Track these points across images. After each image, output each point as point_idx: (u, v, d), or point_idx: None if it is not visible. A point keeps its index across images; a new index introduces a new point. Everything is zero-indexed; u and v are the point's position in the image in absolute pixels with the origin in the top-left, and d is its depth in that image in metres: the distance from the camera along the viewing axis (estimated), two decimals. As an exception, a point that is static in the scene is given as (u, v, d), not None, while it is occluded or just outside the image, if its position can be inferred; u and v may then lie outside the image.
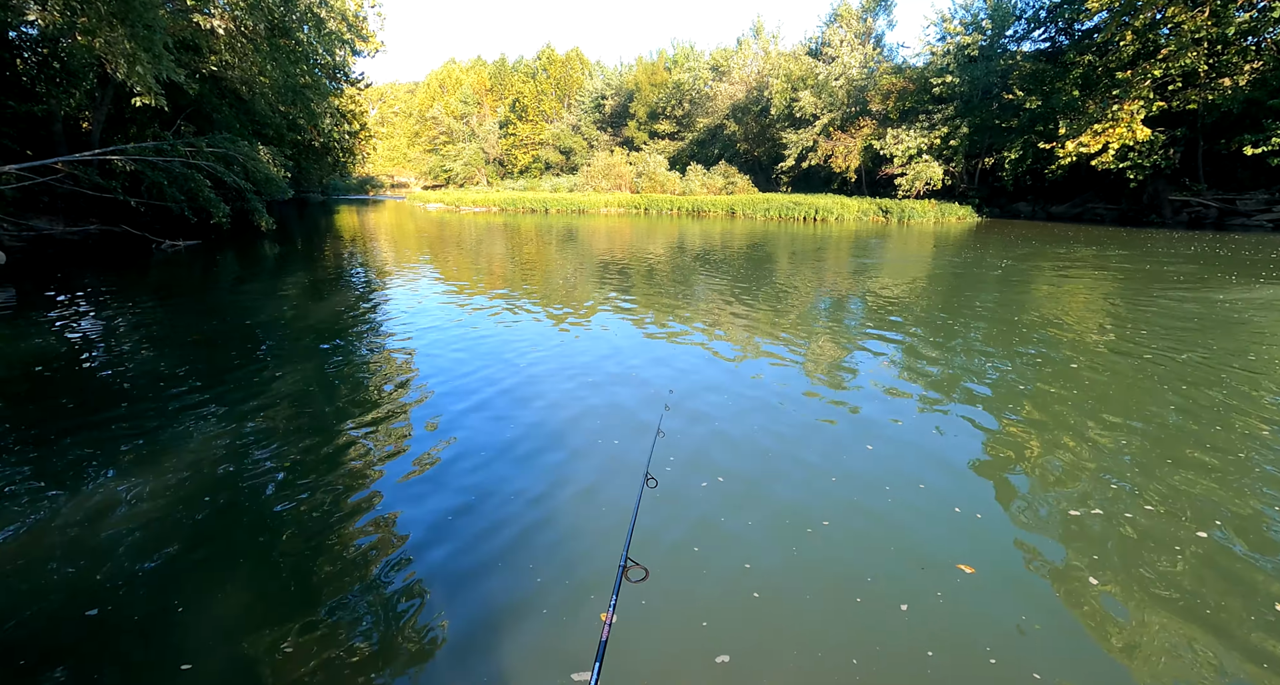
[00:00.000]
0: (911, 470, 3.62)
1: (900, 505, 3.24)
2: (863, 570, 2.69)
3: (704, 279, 10.81)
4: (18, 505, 3.13)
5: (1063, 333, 6.92)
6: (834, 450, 3.89)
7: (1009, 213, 30.33)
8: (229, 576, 2.62)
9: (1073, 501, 3.29)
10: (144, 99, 10.71)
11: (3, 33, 12.24)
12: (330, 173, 36.92)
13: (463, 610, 2.44)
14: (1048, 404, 4.70)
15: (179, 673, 2.11)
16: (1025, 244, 16.91)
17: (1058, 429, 4.23)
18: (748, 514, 3.14)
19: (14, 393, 4.78)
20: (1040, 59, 28.35)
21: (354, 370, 5.57)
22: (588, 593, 2.53)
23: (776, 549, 2.85)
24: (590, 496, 3.33)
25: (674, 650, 2.24)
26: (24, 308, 7.76)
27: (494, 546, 2.86)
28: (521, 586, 2.58)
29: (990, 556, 2.81)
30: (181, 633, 2.29)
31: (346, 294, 9.51)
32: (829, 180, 37.68)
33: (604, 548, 2.86)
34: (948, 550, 2.85)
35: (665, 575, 2.65)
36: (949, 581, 2.62)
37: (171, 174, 13.71)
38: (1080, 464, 3.72)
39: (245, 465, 3.59)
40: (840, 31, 37.11)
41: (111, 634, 2.28)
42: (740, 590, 2.56)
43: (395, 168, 77.64)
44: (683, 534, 2.97)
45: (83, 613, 2.37)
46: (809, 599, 2.52)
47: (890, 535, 2.96)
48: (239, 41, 14.97)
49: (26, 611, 2.39)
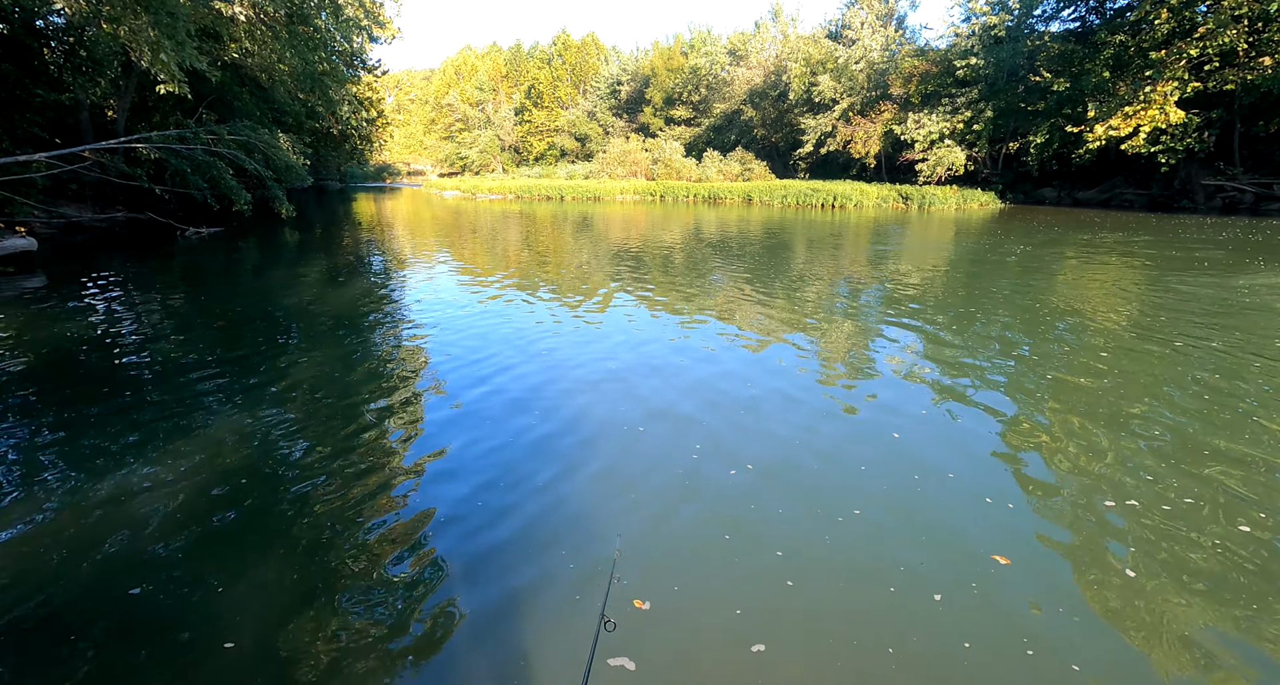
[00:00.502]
0: (939, 459, 3.58)
1: (930, 494, 3.20)
2: (895, 560, 2.67)
3: (721, 267, 10.72)
4: (55, 484, 3.21)
5: (1088, 320, 6.77)
6: (859, 439, 3.86)
7: (1033, 199, 29.62)
8: (259, 556, 2.67)
9: (1106, 492, 3.22)
10: (168, 86, 10.81)
11: (31, 21, 12.39)
12: (348, 160, 37.15)
13: (483, 589, 2.47)
14: (1074, 393, 4.61)
15: (222, 651, 2.15)
16: (1050, 230, 16.53)
17: (1086, 419, 4.14)
18: (777, 502, 3.13)
19: (47, 376, 4.89)
20: (1069, 39, 27.47)
21: (373, 355, 5.62)
22: (620, 579, 2.53)
23: (808, 537, 2.83)
24: (604, 479, 3.34)
25: (708, 638, 2.24)
26: (55, 293, 7.93)
27: (512, 527, 2.89)
28: (540, 567, 2.59)
29: (1025, 547, 2.77)
30: (220, 612, 2.33)
31: (365, 280, 9.59)
32: (848, 166, 37.08)
33: (619, 527, 2.86)
34: (981, 541, 2.81)
35: (696, 562, 2.65)
36: (983, 572, 2.59)
37: (194, 162, 13.87)
38: (1111, 454, 3.64)
39: (270, 446, 3.65)
40: (861, 13, 36.27)
41: (155, 612, 2.33)
42: (773, 578, 2.56)
43: (411, 155, 77.82)
44: (713, 521, 2.96)
45: (126, 591, 2.43)
46: (842, 588, 2.50)
47: (921, 525, 2.93)
48: (259, 28, 15.01)
49: (73, 588, 2.46)
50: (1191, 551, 2.73)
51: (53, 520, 2.90)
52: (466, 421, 4.09)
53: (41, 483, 3.23)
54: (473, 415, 4.20)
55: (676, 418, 4.16)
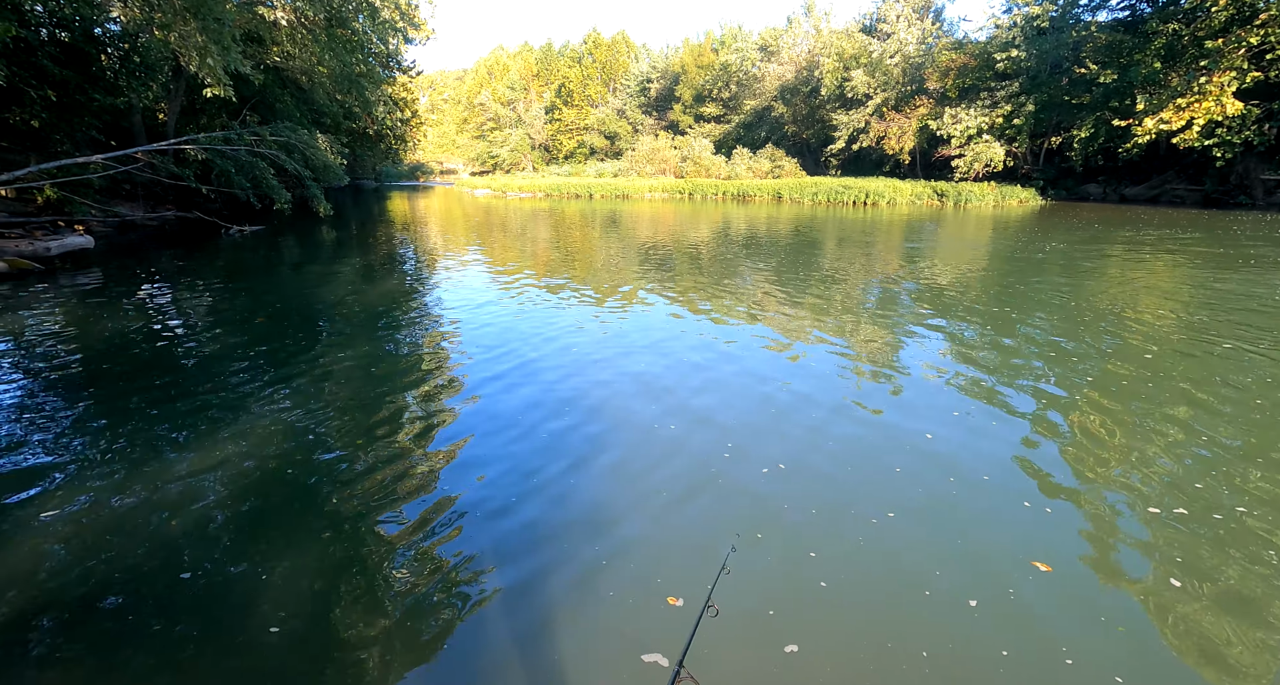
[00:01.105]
0: (973, 462, 3.50)
1: (966, 497, 3.13)
2: (930, 563, 2.63)
3: (749, 265, 10.63)
4: (108, 468, 3.37)
5: (1131, 321, 6.51)
6: (892, 439, 3.79)
7: (1077, 195, 28.60)
8: (298, 542, 2.76)
9: (1151, 499, 3.11)
10: (214, 90, 11.22)
11: (90, 29, 13.00)
12: (383, 159, 37.97)
13: (528, 588, 2.49)
14: (1114, 396, 4.44)
15: (268, 635, 2.23)
16: (1093, 227, 15.94)
17: (1128, 423, 3.99)
18: (810, 502, 3.10)
19: (99, 366, 5.14)
20: (1118, 29, 26.41)
21: (404, 349, 5.75)
22: (653, 576, 2.55)
23: (842, 539, 2.81)
24: (636, 477, 3.34)
25: (742, 638, 2.24)
26: (109, 288, 8.32)
27: (555, 527, 2.91)
28: (586, 568, 2.61)
29: (1066, 554, 2.69)
30: (265, 598, 2.41)
31: (397, 276, 9.80)
32: (881, 163, 36.36)
33: (666, 531, 2.87)
34: (1019, 546, 2.74)
35: (730, 561, 2.63)
36: (1021, 578, 2.53)
37: (238, 162, 14.37)
38: (1156, 460, 3.51)
39: (305, 435, 3.77)
40: (897, 6, 35.50)
41: (204, 597, 2.43)
42: (807, 579, 2.54)
43: (444, 154, 79.14)
44: (747, 520, 2.95)
45: (177, 575, 2.54)
46: (876, 590, 2.47)
47: (957, 528, 2.88)
48: (300, 32, 15.45)
49: (127, 569, 2.58)
50: (1242, 563, 2.61)
51: (107, 502, 3.05)
52: (493, 415, 4.15)
53: (95, 466, 3.40)
54: (499, 409, 4.26)
55: (707, 417, 4.15)
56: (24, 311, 6.93)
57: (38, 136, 12.62)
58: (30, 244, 9.80)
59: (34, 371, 5.01)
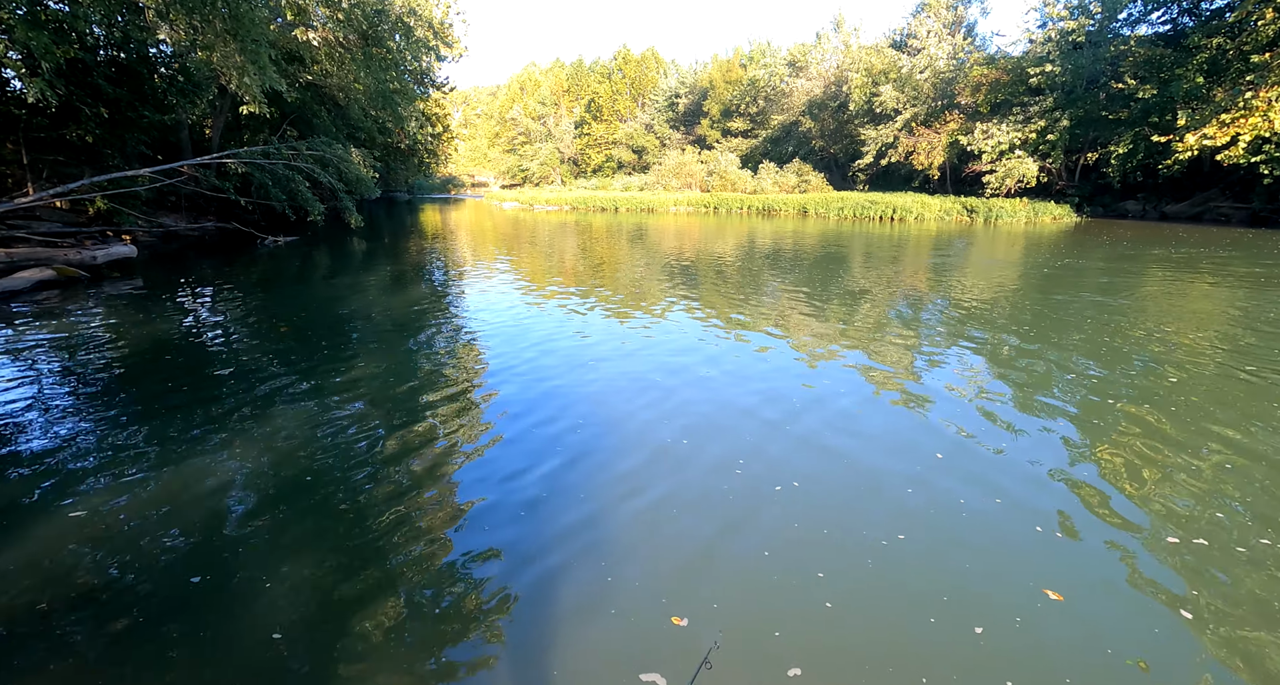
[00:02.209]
0: (987, 485, 3.42)
1: (977, 522, 3.06)
2: (938, 588, 2.57)
3: (773, 279, 10.58)
4: (136, 470, 3.50)
5: (1161, 343, 6.27)
6: (905, 459, 3.72)
7: (1114, 212, 27.78)
8: (314, 551, 2.81)
9: (1171, 528, 2.99)
10: (250, 107, 11.73)
11: (144, 50, 13.75)
12: (415, 173, 38.96)
13: (531, 602, 2.50)
14: (1138, 421, 4.28)
15: (270, 641, 2.27)
16: (1129, 245, 15.45)
17: (1149, 449, 3.84)
18: (821, 522, 3.07)
19: (139, 368, 5.36)
20: (1158, 43, 25.75)
21: (429, 360, 5.86)
22: (658, 595, 2.53)
23: (850, 559, 2.77)
24: (646, 492, 3.34)
25: (745, 659, 2.21)
26: (151, 295, 8.69)
27: (562, 541, 2.92)
28: (591, 584, 2.61)
29: (1077, 582, 2.60)
30: (271, 603, 2.47)
31: (425, 287, 10.02)
32: (909, 178, 35.94)
33: (673, 549, 2.86)
34: (1030, 572, 2.67)
35: (736, 580, 2.63)
36: (1029, 606, 2.45)
37: (275, 175, 14.93)
38: (1178, 488, 3.37)
39: (327, 444, 3.86)
40: (928, 22, 35.28)
41: (212, 600, 2.49)
42: (813, 599, 2.51)
43: (476, 167, 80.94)
44: (755, 538, 2.93)
45: (194, 577, 2.61)
46: (881, 613, 2.43)
47: (967, 553, 2.81)
48: (336, 51, 16.07)
49: (141, 569, 2.66)
50: (1264, 599, 2.48)
51: (132, 501, 3.16)
52: (510, 426, 4.20)
53: (124, 466, 3.54)
54: (515, 420, 4.30)
55: (721, 432, 4.14)
56: (69, 317, 7.29)
57: (91, 151, 13.33)
58: (79, 253, 10.32)
59: (75, 374, 5.26)
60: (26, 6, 9.89)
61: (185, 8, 9.64)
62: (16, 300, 8.13)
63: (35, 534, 2.91)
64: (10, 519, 3.03)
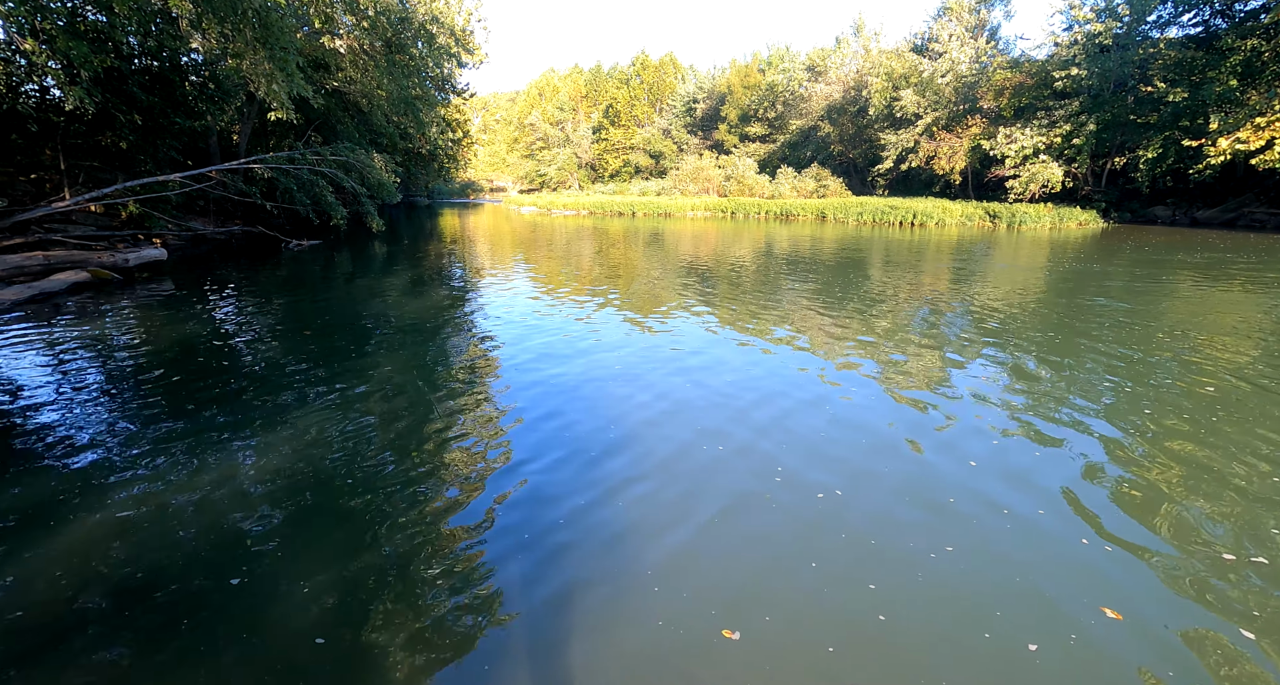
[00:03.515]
0: (1028, 496, 3.37)
1: (1022, 534, 3.01)
2: (990, 601, 2.53)
3: (792, 285, 10.51)
4: (164, 469, 3.58)
5: (1195, 353, 6.10)
6: (944, 469, 3.68)
7: (1142, 218, 27.15)
8: (344, 551, 2.83)
9: (1224, 545, 2.91)
10: (277, 114, 11.99)
11: (176, 58, 14.15)
12: (435, 178, 39.44)
13: (572, 614, 2.46)
14: (1176, 431, 4.16)
15: (314, 646, 2.28)
16: (1160, 252, 15.07)
17: (1192, 459, 3.73)
18: (868, 532, 3.03)
19: (167, 368, 5.49)
20: (1189, 46, 25.17)
21: (447, 362, 5.91)
22: (707, 606, 2.49)
23: (900, 572, 2.73)
24: (682, 499, 3.31)
25: (800, 674, 2.18)
26: (179, 297, 8.90)
27: (600, 549, 2.89)
28: (636, 594, 2.57)
29: (1131, 599, 2.55)
30: (311, 607, 2.47)
31: (444, 291, 10.13)
32: (930, 183, 35.51)
33: (720, 558, 2.82)
34: (1080, 587, 2.63)
35: (786, 592, 2.59)
36: (1083, 623, 2.41)
37: (300, 180, 15.23)
38: (1225, 502, 3.28)
39: (355, 448, 3.90)
40: (950, 25, 34.89)
41: (254, 603, 2.51)
42: (865, 612, 2.47)
43: (494, 172, 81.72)
44: (801, 549, 2.89)
45: (221, 574, 2.65)
46: (935, 628, 2.39)
47: (1016, 565, 2.77)
48: (361, 59, 16.37)
49: (180, 571, 2.70)
50: (1314, 626, 2.40)
51: (164, 500, 3.23)
52: (535, 431, 4.21)
53: (154, 465, 3.62)
54: (541, 425, 4.31)
55: (753, 438, 4.11)
56: (103, 318, 7.49)
57: (125, 157, 13.72)
58: (112, 255, 10.61)
59: (106, 373, 5.40)
60: (67, 18, 10.22)
61: (217, 17, 9.90)
62: (53, 301, 8.37)
63: (72, 529, 2.98)
64: (48, 514, 3.11)
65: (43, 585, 2.59)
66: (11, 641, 2.29)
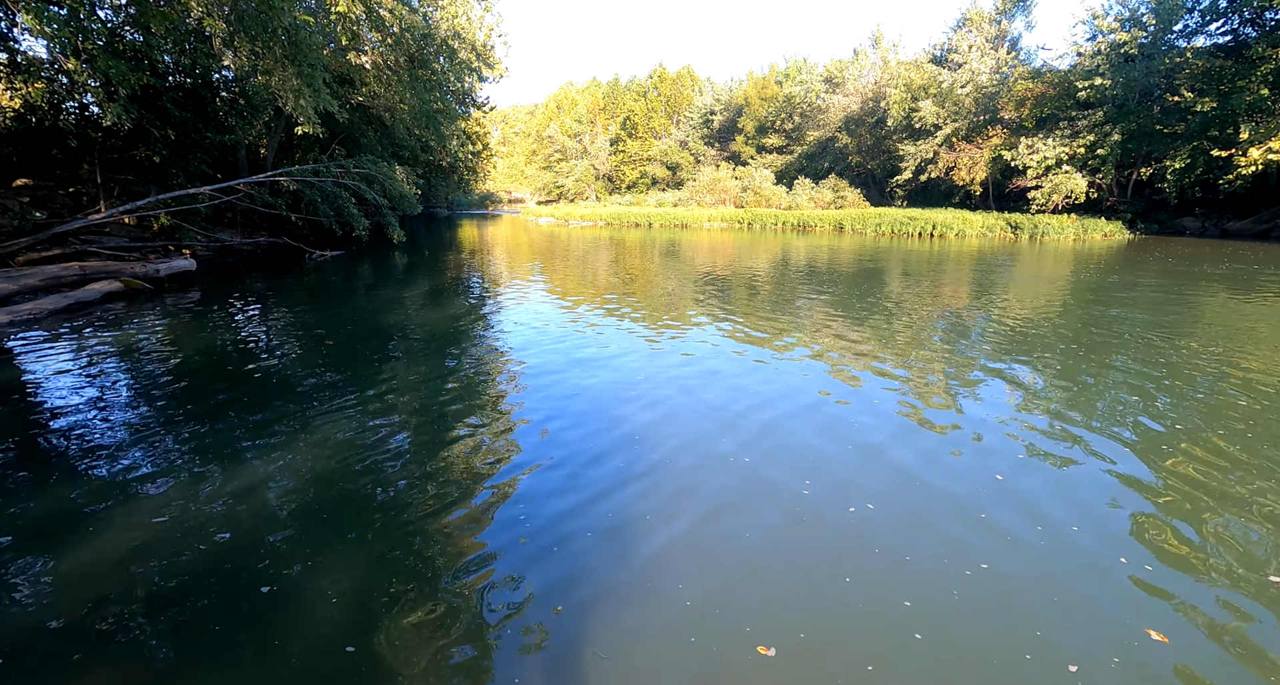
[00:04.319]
0: (1061, 511, 3.30)
1: (1057, 550, 2.95)
2: (1028, 621, 2.47)
3: (810, 296, 10.45)
4: (192, 476, 3.65)
5: (1233, 367, 5.92)
6: (970, 481, 3.63)
7: (1170, 229, 26.59)
8: (374, 563, 2.84)
9: (1271, 567, 2.81)
10: (304, 128, 12.30)
11: (209, 75, 14.63)
12: (455, 189, 40.08)
13: (600, 628, 2.43)
14: (1210, 447, 4.03)
15: (345, 655, 2.28)
16: (1188, 264, 14.72)
17: (1227, 477, 3.61)
18: (901, 547, 2.98)
19: (194, 376, 5.61)
20: (1217, 55, 24.75)
21: (466, 371, 5.96)
22: (741, 622, 2.46)
23: (936, 589, 2.67)
24: (715, 512, 3.28)
25: None
26: (206, 306, 9.12)
27: (627, 561, 2.87)
28: (666, 609, 2.53)
29: (1175, 622, 2.48)
30: (341, 616, 2.47)
31: (463, 300, 10.24)
32: (950, 194, 35.20)
33: (752, 571, 2.79)
34: (1121, 608, 2.55)
35: (821, 607, 2.55)
36: (1127, 645, 2.33)
37: (324, 192, 15.58)
38: (1267, 522, 3.16)
39: (380, 458, 3.93)
40: (970, 36, 34.75)
41: (285, 611, 2.51)
42: (903, 631, 2.42)
43: (513, 184, 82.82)
44: (835, 562, 2.86)
45: (259, 588, 2.65)
46: (974, 648, 2.33)
47: (1053, 584, 2.70)
48: (385, 74, 16.76)
49: (213, 577, 2.72)
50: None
51: (193, 507, 3.28)
52: (557, 441, 4.21)
53: (182, 471, 3.69)
54: (563, 436, 4.31)
55: (779, 450, 4.08)
56: (135, 328, 7.70)
57: (158, 170, 14.17)
58: (144, 266, 10.92)
59: (138, 382, 5.54)
60: (107, 37, 10.63)
61: (249, 35, 10.22)
62: (88, 310, 8.63)
63: (106, 535, 3.05)
64: (81, 518, 3.19)
65: (79, 588, 2.64)
66: (50, 642, 2.33)
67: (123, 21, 11.90)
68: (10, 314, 7.78)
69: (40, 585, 2.68)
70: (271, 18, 10.05)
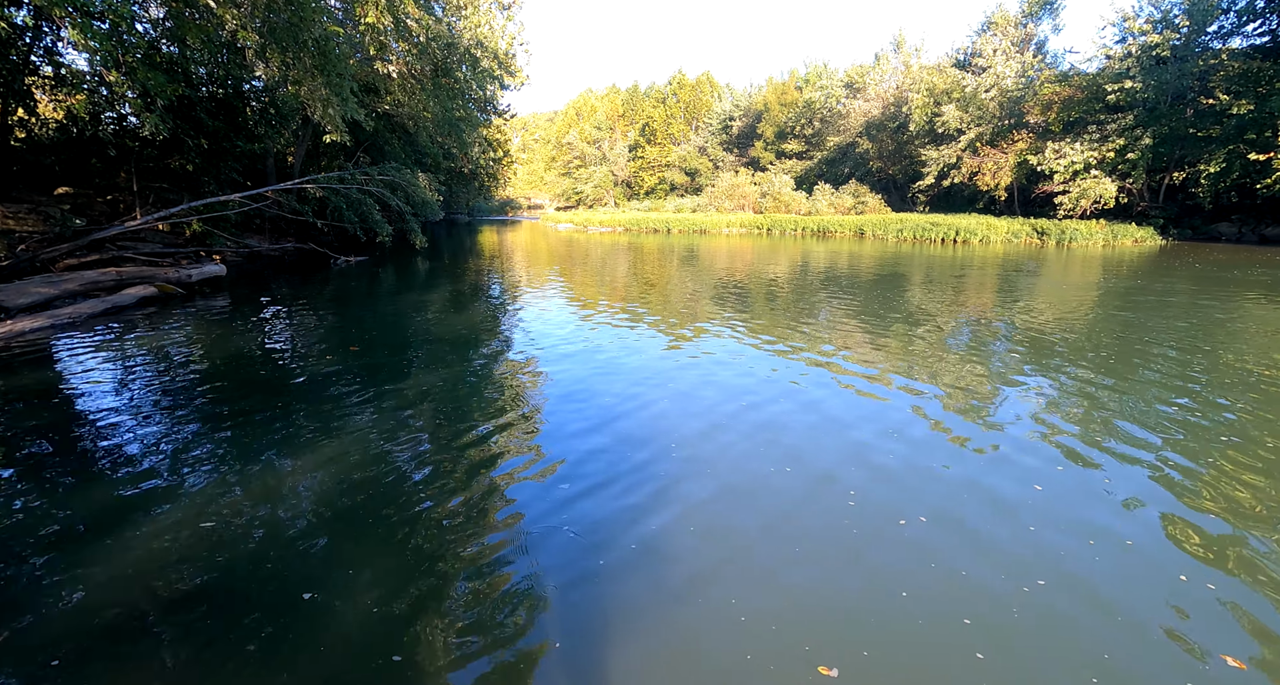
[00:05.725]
0: (1112, 525, 3.25)
1: (1115, 567, 2.88)
2: (1095, 643, 2.40)
3: (831, 303, 10.35)
4: (218, 478, 3.72)
5: (1269, 373, 5.72)
6: (1012, 491, 3.57)
7: (1205, 235, 25.84)
8: (412, 571, 2.85)
9: None
10: (332, 136, 12.58)
11: (240, 86, 15.04)
12: (475, 196, 40.55)
13: (654, 646, 2.38)
14: (1260, 459, 3.88)
15: (392, 664, 2.29)
16: (1224, 270, 14.28)
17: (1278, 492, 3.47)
18: (957, 561, 2.91)
19: (225, 381, 5.74)
20: (1254, 56, 24.06)
21: (486, 376, 6.01)
22: (800, 641, 2.39)
23: (995, 606, 2.61)
24: (769, 529, 3.23)
25: None
26: (237, 311, 9.33)
27: (677, 578, 2.82)
28: (721, 627, 2.47)
29: (1249, 647, 2.38)
30: (382, 625, 2.48)
31: (483, 306, 10.33)
32: (973, 199, 34.64)
33: (807, 589, 2.74)
34: (1187, 629, 2.47)
35: (881, 626, 2.49)
36: (1198, 670, 2.26)
37: (349, 199, 15.87)
38: None
39: (407, 465, 3.98)
40: (994, 40, 34.26)
41: (331, 619, 2.53)
42: (964, 650, 2.36)
43: (532, 190, 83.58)
44: (892, 577, 2.81)
45: (300, 595, 2.67)
46: (1037, 670, 2.27)
47: (1115, 603, 2.63)
48: (409, 83, 17.05)
49: (252, 585, 2.75)
50: None
51: (235, 513, 3.34)
52: (586, 450, 4.21)
53: (208, 474, 3.77)
54: (591, 444, 4.32)
55: (818, 460, 4.04)
56: (168, 331, 7.91)
57: (190, 178, 14.56)
58: (176, 271, 11.22)
59: (172, 385, 5.67)
60: (145, 50, 10.99)
61: (280, 47, 10.48)
62: (123, 314, 8.88)
63: (134, 535, 3.12)
64: (111, 519, 3.26)
65: (118, 590, 2.70)
66: (99, 641, 2.39)
67: (160, 34, 12.29)
68: (52, 318, 8.04)
69: (88, 585, 2.75)
70: (302, 29, 10.30)
